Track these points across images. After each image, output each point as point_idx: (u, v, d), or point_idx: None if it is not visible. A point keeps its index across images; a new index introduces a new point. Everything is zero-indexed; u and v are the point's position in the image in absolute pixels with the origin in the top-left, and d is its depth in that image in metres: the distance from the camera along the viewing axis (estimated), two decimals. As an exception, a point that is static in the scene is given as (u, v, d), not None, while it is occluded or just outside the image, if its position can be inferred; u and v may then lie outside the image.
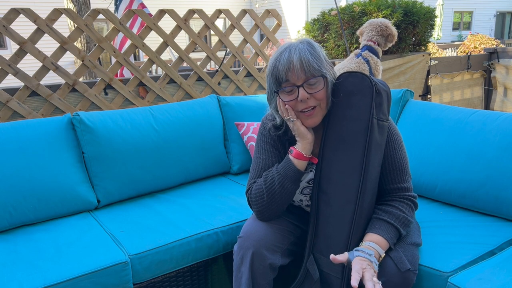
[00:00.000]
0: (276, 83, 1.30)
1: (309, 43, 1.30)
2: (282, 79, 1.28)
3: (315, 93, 1.27)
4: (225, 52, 3.20)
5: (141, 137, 2.05)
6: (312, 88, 1.27)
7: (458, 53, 9.60)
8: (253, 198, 1.39)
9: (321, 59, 1.28)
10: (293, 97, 1.28)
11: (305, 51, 1.26)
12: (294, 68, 1.25)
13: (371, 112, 1.31)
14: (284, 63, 1.26)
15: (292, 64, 1.25)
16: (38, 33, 2.46)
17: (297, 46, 1.28)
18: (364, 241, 1.27)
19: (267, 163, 1.43)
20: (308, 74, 1.25)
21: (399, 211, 1.32)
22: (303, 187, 1.45)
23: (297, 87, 1.26)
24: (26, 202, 1.74)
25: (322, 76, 1.27)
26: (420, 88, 4.19)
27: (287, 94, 1.29)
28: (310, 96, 1.27)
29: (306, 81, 1.26)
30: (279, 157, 1.43)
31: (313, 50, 1.28)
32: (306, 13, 14.22)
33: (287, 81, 1.27)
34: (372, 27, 2.58)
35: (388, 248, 1.27)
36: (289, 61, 1.25)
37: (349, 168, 1.31)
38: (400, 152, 1.38)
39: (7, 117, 2.38)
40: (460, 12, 18.46)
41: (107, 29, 12.61)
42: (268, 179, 1.36)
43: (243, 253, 1.35)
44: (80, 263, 1.45)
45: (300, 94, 1.26)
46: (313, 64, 1.25)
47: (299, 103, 1.28)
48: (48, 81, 2.91)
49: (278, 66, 1.28)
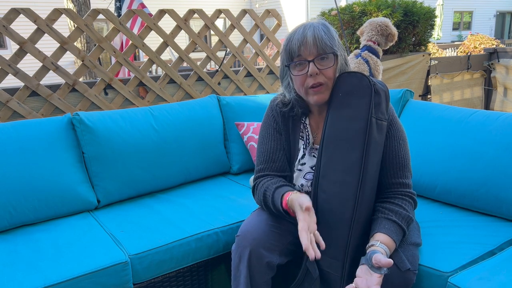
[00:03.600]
0: (289, 57, 1.35)
1: (324, 24, 1.35)
2: (294, 53, 1.32)
3: (325, 69, 1.31)
4: (225, 52, 3.20)
5: (141, 137, 2.05)
6: (322, 65, 1.31)
7: (458, 53, 9.60)
8: (256, 198, 1.49)
9: (334, 38, 1.33)
10: (303, 72, 1.32)
11: (319, 29, 1.31)
12: (307, 43, 1.29)
13: (370, 111, 1.32)
14: (298, 38, 1.31)
15: (306, 39, 1.30)
16: (38, 33, 2.46)
17: (312, 23, 1.34)
18: (380, 242, 1.23)
19: (270, 149, 1.49)
20: (320, 51, 1.30)
21: (404, 210, 1.32)
22: (306, 171, 1.46)
23: (308, 62, 1.30)
24: (26, 202, 1.74)
25: (333, 53, 1.31)
26: (420, 88, 4.19)
27: (298, 69, 1.34)
28: (320, 72, 1.31)
29: (318, 56, 1.30)
30: (280, 141, 1.49)
31: (327, 30, 1.33)
32: (306, 13, 14.22)
33: (299, 56, 1.32)
34: (372, 26, 2.58)
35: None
36: (303, 36, 1.30)
37: (348, 167, 1.31)
38: (404, 148, 1.39)
39: (7, 117, 2.38)
40: (460, 12, 18.46)
41: (107, 29, 12.61)
42: (262, 197, 1.42)
43: (240, 251, 1.35)
44: (80, 263, 1.45)
45: (310, 68, 1.30)
46: (326, 41, 1.30)
47: (309, 78, 1.32)
48: (48, 81, 2.91)
49: (292, 40, 1.33)
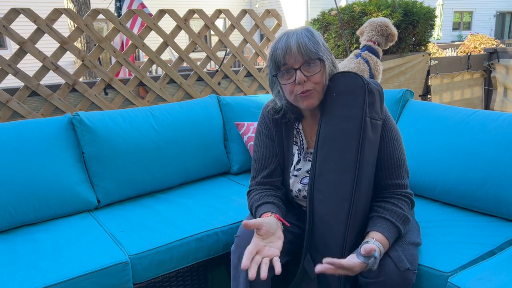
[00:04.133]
0: (275, 67, 1.34)
1: (307, 29, 1.33)
2: (280, 62, 1.31)
3: (312, 75, 1.30)
4: (225, 52, 3.20)
5: (141, 137, 2.05)
6: (309, 71, 1.30)
7: (458, 53, 9.60)
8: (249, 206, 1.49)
9: (319, 43, 1.32)
10: (291, 80, 1.31)
11: (303, 36, 1.30)
12: (292, 51, 1.28)
13: (364, 110, 1.32)
14: (282, 47, 1.30)
15: (290, 48, 1.28)
16: (38, 33, 2.46)
17: (295, 31, 1.32)
18: (375, 239, 1.22)
19: (263, 157, 1.51)
20: (306, 57, 1.28)
21: (399, 209, 1.32)
22: (303, 176, 1.46)
23: (295, 70, 1.29)
24: (26, 202, 1.74)
25: (319, 59, 1.30)
26: (420, 88, 4.18)
27: (286, 78, 1.33)
28: (307, 79, 1.30)
29: (304, 63, 1.29)
30: (273, 147, 1.50)
31: (311, 35, 1.31)
32: (306, 13, 14.22)
33: (285, 65, 1.31)
34: (372, 26, 2.58)
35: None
36: (287, 45, 1.29)
37: (344, 166, 1.32)
38: (398, 148, 1.39)
39: (7, 117, 2.38)
40: (460, 12, 18.46)
41: (107, 29, 12.61)
42: (250, 211, 1.48)
43: (239, 252, 1.35)
44: (80, 263, 1.45)
45: (297, 76, 1.29)
46: (310, 47, 1.28)
47: (297, 86, 1.31)
48: (48, 81, 2.91)
49: (277, 50, 1.31)
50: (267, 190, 1.45)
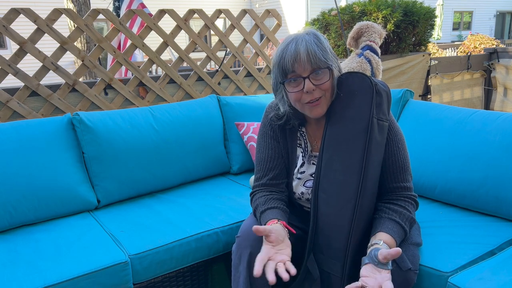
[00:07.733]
0: (282, 74, 1.31)
1: (315, 35, 1.30)
2: (288, 70, 1.28)
3: (320, 84, 1.28)
4: (225, 52, 3.20)
5: (141, 137, 2.05)
6: (318, 80, 1.28)
7: (458, 53, 9.60)
8: (251, 206, 1.48)
9: (327, 51, 1.29)
10: (298, 88, 1.29)
11: (312, 43, 1.27)
12: (301, 59, 1.25)
13: (371, 112, 1.31)
14: (291, 54, 1.26)
15: (299, 56, 1.25)
16: (38, 33, 2.46)
17: (303, 37, 1.28)
18: (383, 241, 1.23)
19: (268, 158, 1.48)
20: (315, 66, 1.26)
21: (407, 211, 1.32)
22: (306, 179, 1.45)
23: (303, 78, 1.27)
24: (26, 202, 1.74)
25: (328, 68, 1.28)
26: (420, 88, 4.18)
27: (293, 85, 1.30)
28: (316, 88, 1.28)
29: (312, 72, 1.26)
30: (278, 149, 1.47)
31: (319, 42, 1.29)
32: (306, 13, 14.22)
33: (293, 72, 1.28)
34: (370, 30, 2.62)
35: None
36: (296, 53, 1.26)
37: (349, 167, 1.31)
38: (403, 151, 1.38)
39: (7, 117, 2.38)
40: (460, 12, 18.46)
41: (107, 29, 12.61)
42: (254, 212, 1.45)
43: (240, 252, 1.35)
44: (80, 263, 1.45)
45: (306, 85, 1.27)
46: (320, 56, 1.26)
47: (305, 94, 1.29)
48: (48, 81, 2.90)
49: (285, 57, 1.28)
50: (273, 193, 1.44)
